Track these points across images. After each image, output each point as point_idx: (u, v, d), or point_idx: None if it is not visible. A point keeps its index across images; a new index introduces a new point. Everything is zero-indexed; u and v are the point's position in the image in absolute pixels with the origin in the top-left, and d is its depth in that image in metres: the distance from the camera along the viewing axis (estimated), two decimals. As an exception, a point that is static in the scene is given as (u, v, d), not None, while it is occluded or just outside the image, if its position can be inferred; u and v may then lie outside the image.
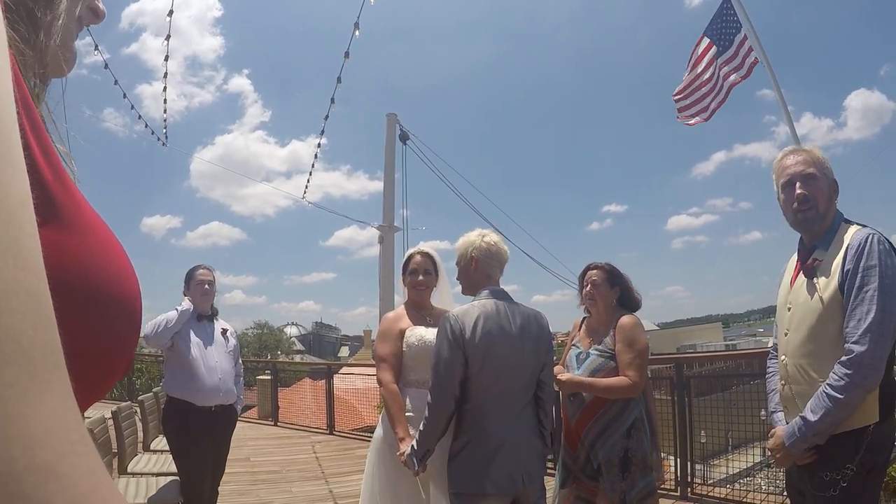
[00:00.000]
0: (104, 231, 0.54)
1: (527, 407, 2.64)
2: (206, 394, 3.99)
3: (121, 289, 0.53)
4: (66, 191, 0.49)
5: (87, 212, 0.52)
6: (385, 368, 2.99)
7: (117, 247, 0.55)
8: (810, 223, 2.32)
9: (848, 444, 2.10)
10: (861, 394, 2.04)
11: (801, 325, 2.29)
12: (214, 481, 4.19)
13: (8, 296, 0.26)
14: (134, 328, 0.56)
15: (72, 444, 0.27)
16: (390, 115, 11.69)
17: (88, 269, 0.48)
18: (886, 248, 2.11)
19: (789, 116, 8.64)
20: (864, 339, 2.02)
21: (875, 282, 2.05)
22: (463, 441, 2.56)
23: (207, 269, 4.28)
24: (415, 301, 3.19)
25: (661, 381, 6.76)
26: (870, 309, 2.04)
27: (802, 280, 2.32)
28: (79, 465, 0.27)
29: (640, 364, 2.97)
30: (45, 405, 0.27)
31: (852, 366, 2.03)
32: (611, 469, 2.92)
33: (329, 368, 10.46)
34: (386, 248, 11.38)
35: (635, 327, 3.06)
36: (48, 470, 0.25)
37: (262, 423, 10.27)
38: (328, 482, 5.99)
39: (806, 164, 2.33)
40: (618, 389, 2.94)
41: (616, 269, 3.26)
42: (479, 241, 2.82)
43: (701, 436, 5.76)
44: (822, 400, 2.10)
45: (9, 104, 0.30)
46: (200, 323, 4.16)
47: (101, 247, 0.51)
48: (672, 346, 30.57)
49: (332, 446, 8.11)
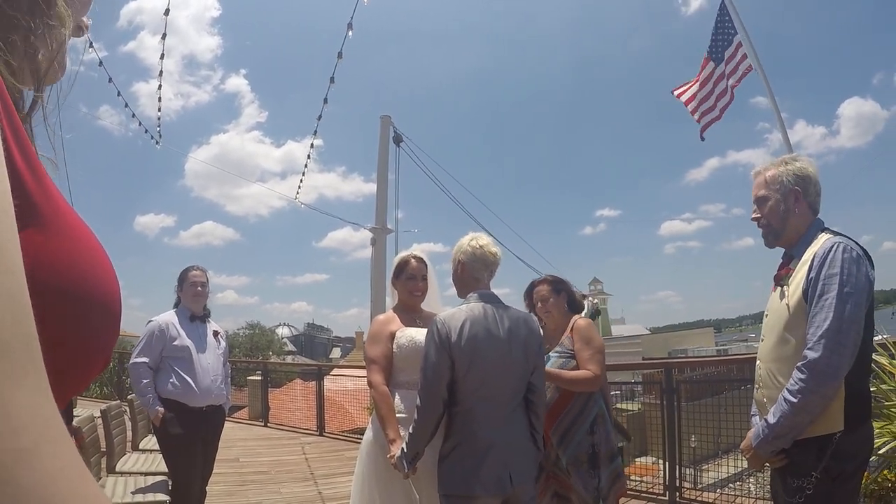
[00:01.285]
0: (83, 232, 0.55)
1: (517, 410, 2.64)
2: (198, 395, 3.99)
3: (99, 288, 0.54)
4: (46, 194, 0.50)
5: (66, 214, 0.53)
6: (376, 370, 2.98)
7: (97, 247, 0.56)
8: (768, 240, 2.46)
9: (811, 450, 2.14)
10: (818, 399, 2.09)
11: (772, 332, 2.37)
12: (203, 481, 4.18)
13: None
14: (112, 325, 0.57)
15: (47, 430, 0.29)
16: (384, 117, 11.71)
17: (66, 269, 0.50)
18: (852, 257, 2.15)
19: (783, 124, 8.71)
20: (819, 346, 2.08)
21: (835, 290, 2.10)
22: (452, 443, 2.57)
23: (200, 270, 4.28)
24: (406, 304, 3.19)
25: (652, 385, 6.80)
26: (827, 316, 2.09)
27: (777, 288, 2.39)
28: (53, 448, 0.29)
29: (599, 359, 3.15)
30: (21, 394, 0.28)
31: (806, 371, 2.09)
32: (580, 466, 3.06)
33: (320, 370, 10.46)
34: (378, 250, 11.38)
35: (590, 327, 3.28)
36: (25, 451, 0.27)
37: (253, 424, 10.25)
38: (317, 484, 5.98)
39: (758, 186, 2.46)
40: (581, 381, 3.10)
41: (558, 278, 3.50)
42: (468, 244, 2.83)
43: (691, 440, 5.78)
44: (780, 403, 2.17)
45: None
46: (193, 324, 4.16)
47: (79, 248, 0.53)
48: (663, 351, 30.65)
49: (322, 448, 8.09)
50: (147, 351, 3.96)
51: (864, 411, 2.20)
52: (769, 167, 2.46)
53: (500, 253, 2.88)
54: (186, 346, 4.02)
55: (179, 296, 4.23)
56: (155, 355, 3.97)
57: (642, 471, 6.63)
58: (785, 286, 2.32)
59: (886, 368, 3.47)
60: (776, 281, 2.40)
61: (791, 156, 2.52)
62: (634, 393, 9.04)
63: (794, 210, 2.37)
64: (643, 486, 5.72)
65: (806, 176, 2.38)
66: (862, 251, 2.20)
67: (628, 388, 8.05)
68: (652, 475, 6.23)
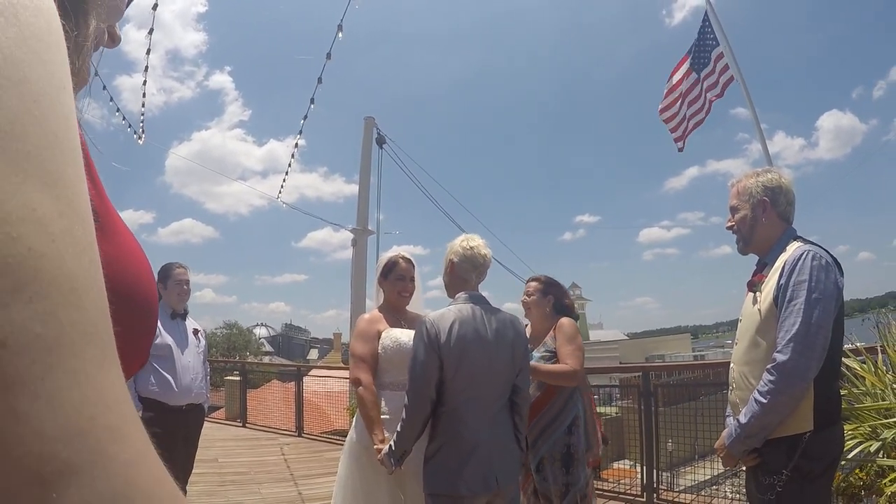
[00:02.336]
0: (128, 235, 0.59)
1: (502, 410, 2.67)
2: (179, 393, 3.95)
3: (142, 290, 0.58)
4: (106, 206, 0.55)
5: (115, 218, 0.57)
6: (363, 369, 2.98)
7: (139, 250, 0.60)
8: (739, 247, 2.58)
9: (782, 449, 2.23)
10: (787, 400, 2.18)
11: (744, 336, 2.46)
12: (183, 481, 4.13)
13: (87, 289, 0.31)
14: (151, 325, 0.62)
15: (130, 413, 0.32)
16: (368, 118, 11.66)
17: (118, 271, 0.52)
18: (821, 265, 2.23)
19: (762, 134, 8.84)
20: (787, 349, 2.16)
21: (803, 295, 2.19)
22: (438, 443, 2.59)
23: (183, 267, 4.24)
24: (393, 304, 3.20)
25: (629, 389, 6.87)
26: (795, 321, 2.17)
27: (750, 293, 2.48)
28: (136, 429, 0.32)
29: (578, 355, 3.20)
30: (111, 378, 0.31)
31: (774, 373, 2.18)
32: (553, 463, 3.13)
33: (299, 370, 10.41)
34: (359, 252, 11.32)
35: (573, 327, 3.34)
36: (117, 429, 0.30)
37: (231, 425, 10.16)
38: (297, 484, 5.95)
39: (731, 197, 2.59)
40: (559, 374, 3.16)
41: (552, 280, 3.54)
42: (459, 245, 2.86)
43: (668, 444, 5.85)
44: (750, 404, 2.26)
45: (75, 124, 0.35)
46: (174, 322, 4.12)
47: (126, 250, 0.57)
48: (641, 356, 30.90)
49: (301, 448, 8.06)
50: None
51: (833, 413, 2.29)
52: (742, 178, 2.57)
53: (490, 255, 2.90)
54: (168, 345, 3.97)
55: (161, 293, 4.17)
56: (147, 357, 3.91)
57: (620, 474, 6.70)
58: (758, 292, 2.41)
59: (858, 373, 3.56)
60: (749, 287, 2.49)
61: (765, 168, 2.62)
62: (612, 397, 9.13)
63: (762, 219, 2.47)
64: (621, 489, 5.78)
65: (776, 187, 2.47)
66: (832, 259, 2.29)
67: (606, 392, 8.13)
68: (629, 478, 6.30)
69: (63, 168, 0.32)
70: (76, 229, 0.32)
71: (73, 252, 0.31)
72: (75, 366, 0.29)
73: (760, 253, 2.52)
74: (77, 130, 0.35)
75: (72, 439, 0.27)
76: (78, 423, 0.28)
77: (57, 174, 0.31)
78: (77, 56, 0.53)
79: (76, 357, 0.29)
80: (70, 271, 0.30)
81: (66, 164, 0.32)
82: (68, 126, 0.33)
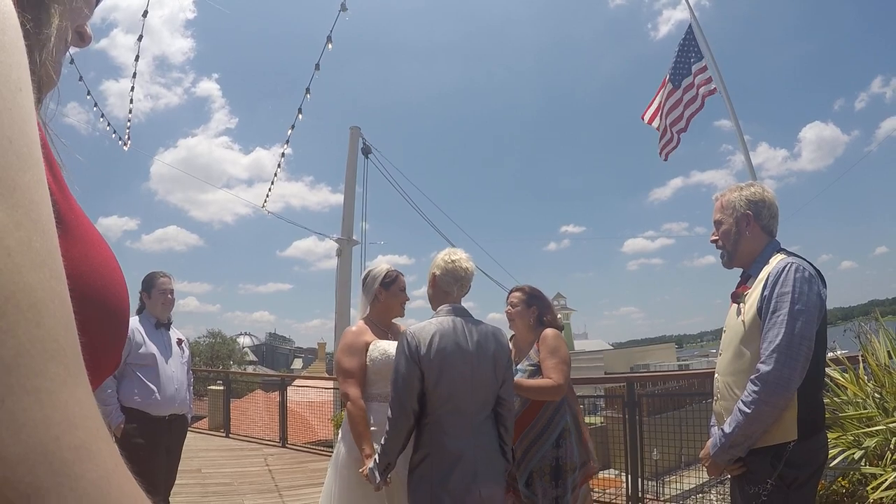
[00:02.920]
0: (97, 238, 0.57)
1: (486, 422, 2.67)
2: (162, 404, 3.91)
3: (112, 295, 0.56)
4: (71, 206, 0.52)
5: (84, 222, 0.55)
6: (352, 383, 2.98)
7: (109, 254, 0.58)
8: (724, 261, 2.61)
9: (766, 458, 2.25)
10: (770, 410, 2.20)
11: (728, 346, 2.48)
12: (166, 492, 4.08)
13: (48, 303, 0.30)
14: (122, 332, 0.59)
15: (97, 430, 0.32)
16: (353, 127, 11.67)
17: (85, 275, 0.51)
18: (804, 277, 2.26)
19: (745, 146, 8.98)
20: (771, 360, 2.19)
21: (787, 307, 2.22)
22: (421, 454, 2.59)
23: (168, 276, 4.20)
24: (387, 315, 3.24)
25: (614, 399, 6.89)
26: (779, 332, 2.20)
27: (734, 305, 2.50)
28: (104, 446, 0.32)
29: (563, 369, 3.13)
30: (77, 394, 0.31)
31: (758, 383, 2.20)
32: (542, 477, 3.08)
33: (283, 380, 10.32)
34: (344, 261, 11.31)
35: (557, 338, 3.25)
36: (83, 448, 0.29)
37: (214, 435, 10.04)
38: (281, 495, 5.90)
39: (715, 211, 2.63)
40: (543, 390, 3.09)
41: (536, 291, 3.47)
42: (442, 258, 2.89)
43: (654, 453, 5.87)
44: (735, 414, 2.28)
45: (34, 126, 0.34)
46: (158, 331, 4.08)
47: (95, 254, 0.54)
48: (625, 366, 30.98)
49: (285, 459, 7.98)
50: None
51: (817, 422, 2.31)
52: (726, 193, 2.60)
53: (472, 269, 2.93)
54: (152, 354, 3.93)
55: (145, 302, 4.14)
56: (119, 363, 3.84)
57: (605, 484, 6.70)
58: (741, 303, 2.44)
59: (840, 382, 3.60)
60: (733, 298, 2.51)
61: (748, 182, 2.67)
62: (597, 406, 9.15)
63: (746, 233, 2.51)
64: (606, 498, 5.78)
65: (759, 200, 2.51)
66: (815, 271, 2.32)
67: (591, 402, 8.14)
68: (615, 488, 6.30)
69: (19, 175, 0.31)
70: (34, 240, 0.31)
71: (32, 265, 0.30)
72: (37, 385, 0.28)
73: (744, 265, 2.55)
74: (37, 132, 0.34)
75: (36, 462, 0.27)
76: (42, 444, 0.27)
77: (12, 182, 0.30)
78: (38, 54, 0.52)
79: (38, 375, 0.28)
80: (28, 285, 0.29)
81: (22, 169, 0.31)
82: (24, 129, 0.32)
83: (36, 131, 0.34)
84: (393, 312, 3.26)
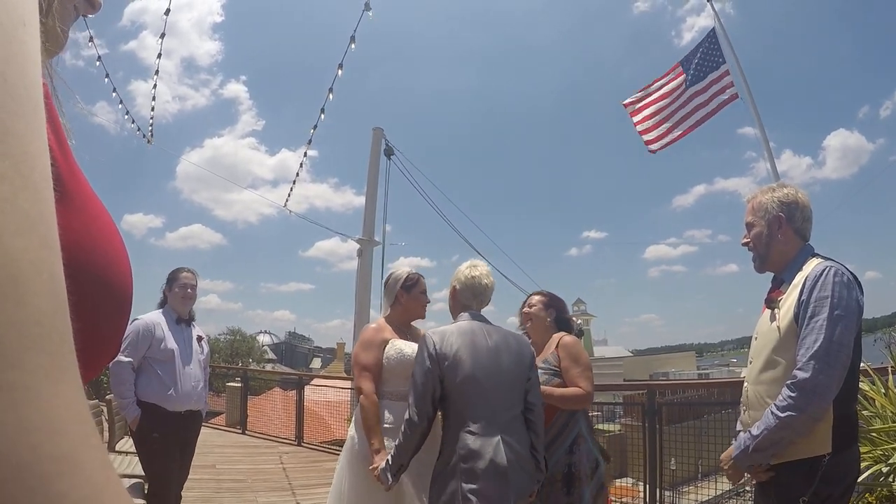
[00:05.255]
0: (101, 210, 0.53)
1: (514, 423, 2.62)
2: (180, 400, 3.93)
3: (114, 271, 0.52)
4: (73, 172, 0.49)
5: (86, 190, 0.51)
6: (367, 378, 2.99)
7: (113, 228, 0.54)
8: (756, 264, 2.52)
9: (800, 472, 2.14)
10: (804, 419, 2.09)
11: (760, 354, 2.37)
12: (179, 486, 4.09)
13: (33, 277, 0.25)
14: (125, 311, 0.55)
15: (86, 436, 0.26)
16: (376, 129, 11.67)
17: (86, 249, 0.47)
18: (843, 281, 2.17)
19: (770, 153, 8.81)
20: (809, 366, 2.08)
21: (826, 312, 2.11)
22: (445, 459, 2.55)
23: (191, 272, 4.22)
24: (409, 317, 3.27)
25: (633, 407, 6.80)
26: (818, 338, 2.09)
27: (767, 311, 2.41)
28: (93, 457, 0.27)
29: (589, 376, 3.13)
30: (63, 393, 0.25)
31: (795, 389, 2.10)
32: (553, 484, 3.02)
33: (301, 379, 10.33)
34: (364, 262, 11.30)
35: (577, 344, 3.23)
36: (67, 459, 0.24)
37: (230, 431, 10.09)
38: (295, 494, 5.90)
39: (747, 213, 2.54)
40: (573, 398, 3.06)
41: (554, 296, 3.49)
42: (463, 272, 2.90)
43: (671, 463, 5.78)
44: (765, 417, 2.18)
45: (37, 70, 0.29)
46: (179, 326, 4.10)
47: (98, 227, 0.50)
48: (645, 373, 30.74)
49: (300, 458, 7.99)
50: (132, 350, 3.83)
51: (851, 434, 2.21)
52: (758, 194, 2.51)
53: (492, 283, 2.94)
54: (172, 350, 3.95)
55: (167, 296, 4.16)
56: (138, 356, 3.86)
57: (622, 492, 6.61)
58: (776, 309, 2.34)
59: (868, 394, 3.50)
60: (767, 303, 2.41)
61: (780, 183, 2.57)
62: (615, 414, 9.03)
63: (778, 236, 2.41)
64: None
65: (792, 202, 2.41)
66: (852, 276, 2.22)
67: (609, 410, 8.05)
68: (632, 497, 6.22)
69: (11, 120, 0.26)
70: (22, 198, 0.25)
71: (17, 227, 0.24)
72: (13, 380, 0.23)
73: (776, 270, 2.46)
74: (39, 78, 0.29)
75: (7, 478, 0.22)
76: (15, 454, 0.22)
77: (2, 126, 0.25)
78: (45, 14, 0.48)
79: (14, 368, 0.23)
80: (9, 253, 0.24)
81: (17, 114, 0.26)
82: (24, 69, 0.27)
83: (39, 76, 0.29)
84: (413, 314, 3.29)
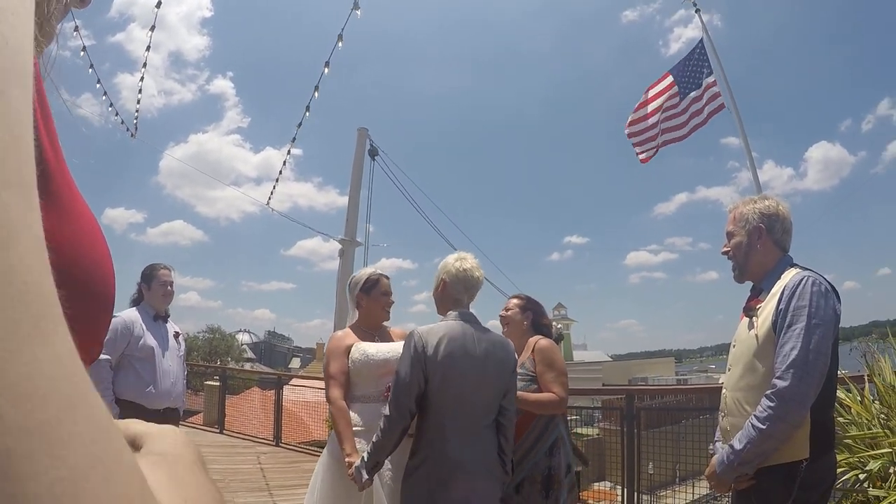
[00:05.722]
0: (85, 210, 0.52)
1: (487, 431, 2.64)
2: (159, 397, 3.89)
3: (98, 272, 0.52)
4: (63, 174, 0.48)
5: (72, 187, 0.50)
6: (334, 385, 2.99)
7: (96, 229, 0.54)
8: (735, 274, 2.58)
9: (778, 478, 2.19)
10: (785, 427, 2.14)
11: (739, 361, 2.42)
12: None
13: (19, 231, 0.22)
14: (108, 312, 0.55)
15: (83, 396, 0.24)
16: (361, 129, 11.62)
17: (70, 249, 0.47)
18: (821, 291, 2.22)
19: (753, 163, 8.92)
20: (787, 375, 2.13)
21: (803, 321, 2.16)
22: (419, 459, 2.55)
23: (168, 269, 4.18)
24: (373, 319, 3.23)
25: (612, 411, 6.84)
26: (795, 346, 2.14)
27: (745, 319, 2.45)
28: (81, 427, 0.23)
29: (563, 381, 3.14)
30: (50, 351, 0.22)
31: (774, 399, 2.14)
32: (533, 485, 3.05)
33: (279, 379, 10.27)
34: (346, 262, 11.24)
35: (552, 348, 3.23)
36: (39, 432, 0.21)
37: (208, 430, 10.00)
38: (272, 495, 5.85)
39: (728, 223, 2.59)
40: (547, 404, 3.08)
41: (531, 299, 3.51)
42: (452, 265, 2.86)
43: (649, 467, 5.82)
44: (747, 430, 2.21)
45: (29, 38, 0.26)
46: (156, 323, 4.05)
47: (82, 227, 0.50)
48: (624, 378, 30.97)
49: (278, 458, 7.92)
50: (110, 348, 3.76)
51: (827, 441, 2.26)
52: (739, 204, 2.56)
53: (482, 276, 2.90)
54: (151, 347, 3.90)
55: (144, 293, 4.10)
56: (116, 354, 3.80)
57: (600, 496, 6.66)
58: (754, 317, 2.38)
59: (844, 402, 3.56)
60: (745, 312, 2.46)
61: (762, 195, 2.62)
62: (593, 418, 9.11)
63: (757, 246, 2.46)
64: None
65: (772, 214, 2.47)
66: (829, 286, 2.27)
67: (588, 413, 8.10)
68: (609, 500, 6.26)
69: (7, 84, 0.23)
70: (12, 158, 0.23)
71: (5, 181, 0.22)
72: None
73: (755, 279, 2.51)
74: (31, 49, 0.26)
75: None
76: None
77: None
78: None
79: None
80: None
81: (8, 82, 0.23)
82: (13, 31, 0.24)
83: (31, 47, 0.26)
84: (376, 317, 3.23)
